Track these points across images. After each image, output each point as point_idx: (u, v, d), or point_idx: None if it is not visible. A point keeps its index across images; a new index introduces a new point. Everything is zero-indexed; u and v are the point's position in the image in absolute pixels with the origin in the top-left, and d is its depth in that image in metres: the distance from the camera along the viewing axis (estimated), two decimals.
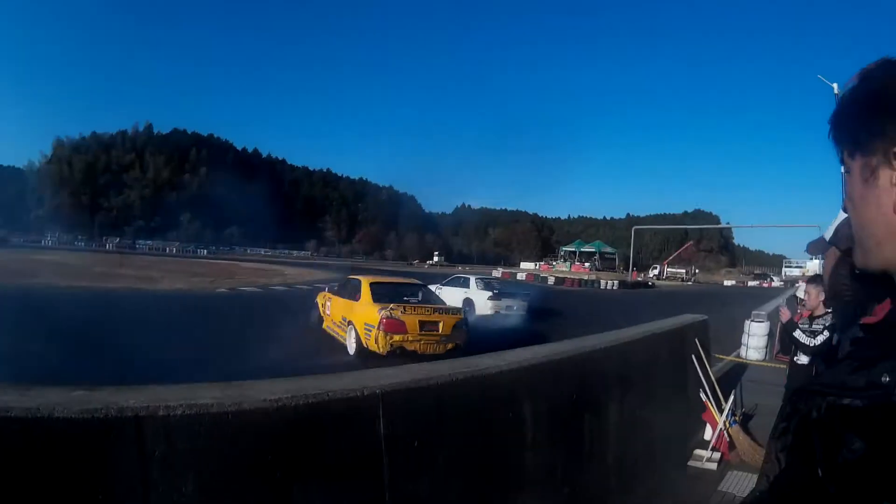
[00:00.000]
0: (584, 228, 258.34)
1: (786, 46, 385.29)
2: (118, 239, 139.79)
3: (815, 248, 3.18)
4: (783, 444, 1.16)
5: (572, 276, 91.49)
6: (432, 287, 20.23)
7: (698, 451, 8.42)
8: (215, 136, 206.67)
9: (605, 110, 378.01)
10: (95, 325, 17.84)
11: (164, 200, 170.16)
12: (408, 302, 15.31)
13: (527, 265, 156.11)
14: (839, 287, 2.66)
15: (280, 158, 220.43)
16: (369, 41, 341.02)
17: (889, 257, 1.03)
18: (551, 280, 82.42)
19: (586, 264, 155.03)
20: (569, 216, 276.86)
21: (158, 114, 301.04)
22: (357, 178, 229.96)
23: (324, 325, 18.49)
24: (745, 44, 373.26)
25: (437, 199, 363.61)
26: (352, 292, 16.44)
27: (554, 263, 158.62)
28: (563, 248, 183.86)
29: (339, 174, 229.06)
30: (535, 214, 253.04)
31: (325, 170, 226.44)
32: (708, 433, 8.81)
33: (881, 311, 1.11)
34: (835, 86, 8.59)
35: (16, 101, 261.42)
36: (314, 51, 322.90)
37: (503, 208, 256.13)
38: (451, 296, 25.63)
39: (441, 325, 14.57)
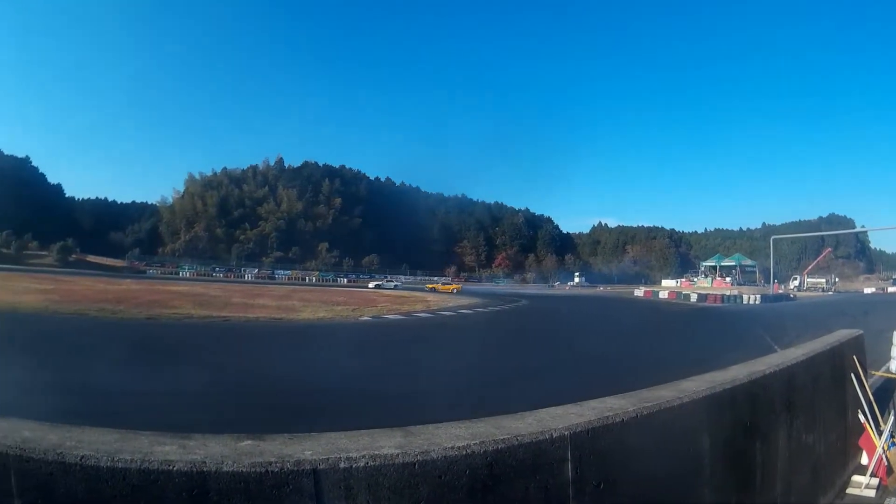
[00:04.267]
0: (721, 241, 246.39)
1: None
2: (256, 269, 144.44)
3: None
4: None
5: (714, 293, 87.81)
6: None
7: (856, 478, 7.95)
8: (347, 167, 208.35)
9: (736, 115, 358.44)
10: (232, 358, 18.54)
11: (300, 231, 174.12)
12: None
13: (668, 283, 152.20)
14: None
15: (414, 186, 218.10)
16: (499, 66, 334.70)
17: None
18: (694, 297, 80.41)
19: (727, 279, 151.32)
20: (705, 229, 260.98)
21: (288, 149, 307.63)
22: (492, 202, 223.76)
23: None
24: (873, 35, 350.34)
25: (574, 219, 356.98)
26: None
27: (695, 279, 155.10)
28: (704, 263, 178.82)
29: (474, 199, 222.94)
30: (672, 229, 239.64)
31: (459, 195, 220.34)
32: (864, 457, 8.35)
33: None
34: None
35: (149, 142, 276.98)
36: (442, 81, 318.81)
37: (640, 225, 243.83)
38: None
39: None
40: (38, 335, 21.74)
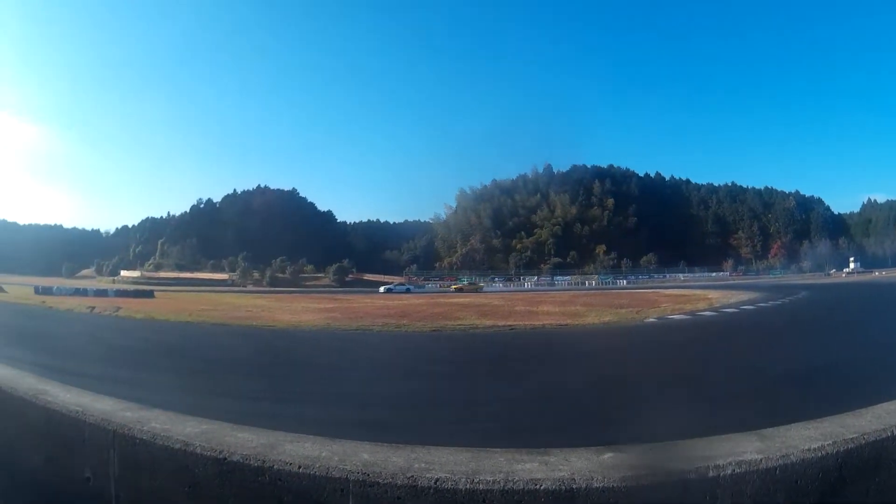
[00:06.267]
0: None
1: None
2: (536, 277, 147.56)
3: None
4: None
5: None
6: None
7: None
8: (615, 166, 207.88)
9: None
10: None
11: (576, 235, 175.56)
12: None
13: None
14: None
15: (684, 179, 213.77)
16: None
17: None
18: None
19: None
20: None
21: (554, 154, 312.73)
22: (762, 188, 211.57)
23: None
24: None
25: (842, 196, 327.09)
26: None
27: None
28: None
29: (744, 185, 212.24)
30: None
31: (729, 184, 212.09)
32: None
33: None
34: None
35: (426, 165, 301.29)
36: (707, 61, 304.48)
37: None
38: None
39: None
40: (334, 350, 22.65)
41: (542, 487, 2.47)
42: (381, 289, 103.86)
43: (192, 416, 3.72)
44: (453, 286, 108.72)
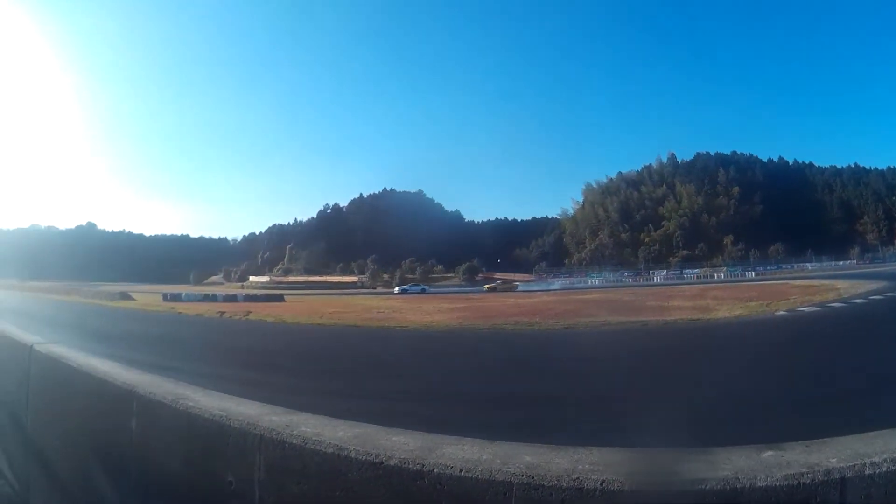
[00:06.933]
0: None
1: None
2: (665, 271, 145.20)
3: None
4: None
5: None
6: None
7: None
8: (738, 152, 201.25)
9: None
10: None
11: (704, 226, 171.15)
12: None
13: None
14: None
15: (807, 162, 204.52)
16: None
17: None
18: None
19: None
20: None
21: (678, 142, 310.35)
22: (886, 168, 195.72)
23: None
24: None
25: None
26: None
27: None
28: None
29: (867, 167, 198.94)
30: None
31: (852, 165, 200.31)
32: None
33: None
34: None
35: (552, 159, 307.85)
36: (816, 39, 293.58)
37: None
38: None
39: None
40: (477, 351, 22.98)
41: (707, 487, 2.41)
42: (396, 290, 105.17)
43: (342, 419, 3.70)
44: (486, 286, 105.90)
